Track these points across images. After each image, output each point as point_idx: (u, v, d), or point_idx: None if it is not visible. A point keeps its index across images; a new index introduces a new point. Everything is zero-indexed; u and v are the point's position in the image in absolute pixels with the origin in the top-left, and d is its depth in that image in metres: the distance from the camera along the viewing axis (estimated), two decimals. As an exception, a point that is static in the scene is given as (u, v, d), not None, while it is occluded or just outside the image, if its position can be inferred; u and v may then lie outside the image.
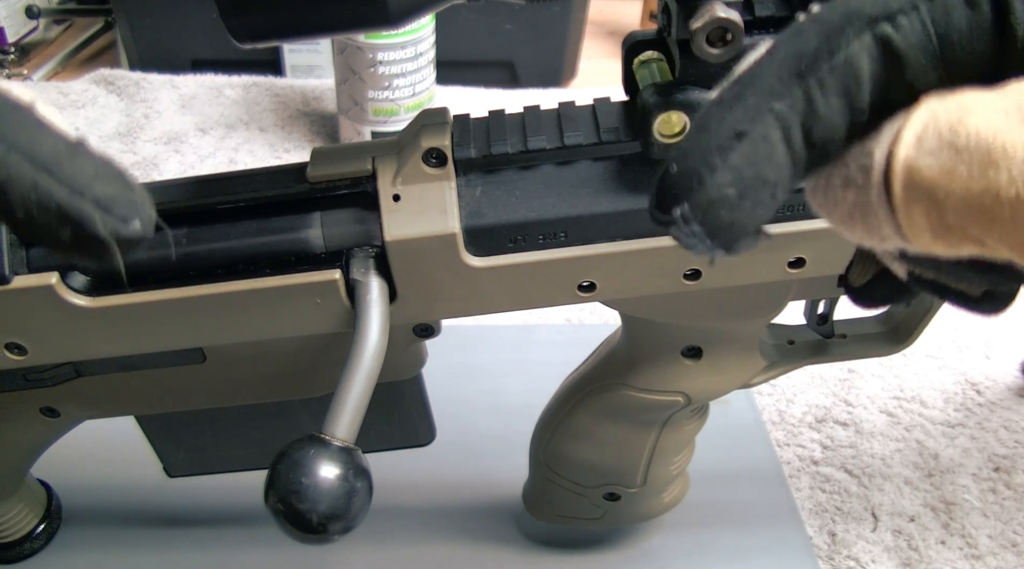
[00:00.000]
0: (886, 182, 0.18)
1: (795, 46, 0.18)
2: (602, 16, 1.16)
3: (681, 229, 0.18)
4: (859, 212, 0.19)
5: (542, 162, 0.35)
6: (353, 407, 0.33)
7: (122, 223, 0.20)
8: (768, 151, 0.18)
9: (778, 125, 0.18)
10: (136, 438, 0.46)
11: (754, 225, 0.18)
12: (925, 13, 0.17)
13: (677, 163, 0.18)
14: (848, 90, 0.18)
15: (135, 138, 0.90)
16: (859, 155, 0.18)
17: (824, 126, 0.18)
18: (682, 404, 0.43)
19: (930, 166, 0.17)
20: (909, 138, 0.17)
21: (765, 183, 0.18)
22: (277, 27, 0.30)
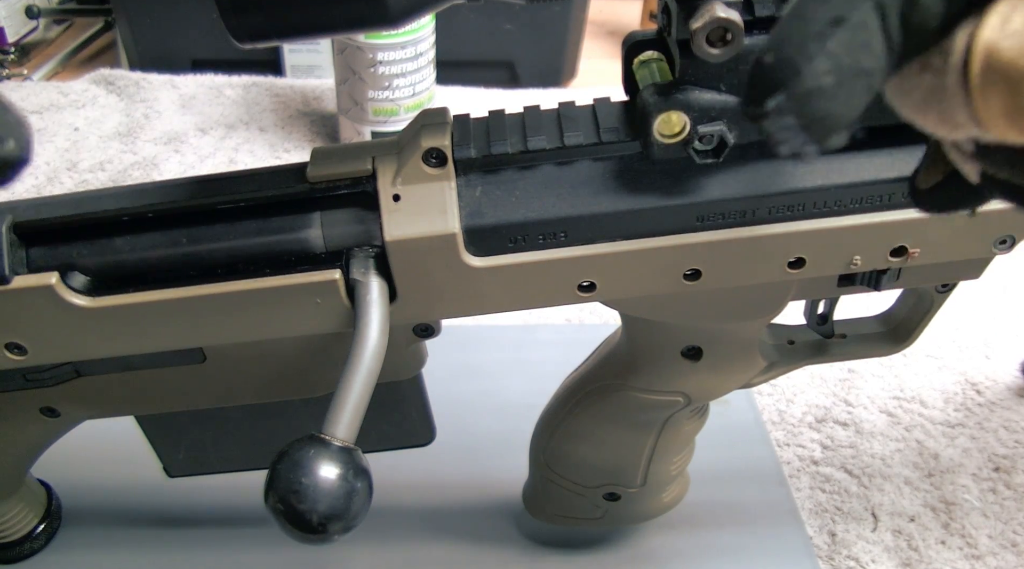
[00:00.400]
0: (966, 65, 0.18)
1: None
2: (602, 16, 1.16)
3: (775, 122, 0.18)
4: (934, 98, 0.18)
5: (542, 162, 0.35)
6: (353, 407, 0.33)
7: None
8: (867, 38, 0.18)
9: (876, 12, 0.18)
10: (136, 438, 0.46)
11: (849, 117, 0.18)
12: None
13: (773, 52, 0.18)
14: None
15: (135, 138, 0.90)
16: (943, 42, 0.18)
17: (922, 12, 0.18)
18: (682, 404, 0.43)
19: (1011, 47, 0.17)
20: (993, 22, 0.17)
21: (863, 72, 0.18)
22: (277, 27, 0.30)
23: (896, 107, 0.20)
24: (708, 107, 0.32)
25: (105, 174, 0.85)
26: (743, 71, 0.31)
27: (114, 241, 0.37)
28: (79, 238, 0.36)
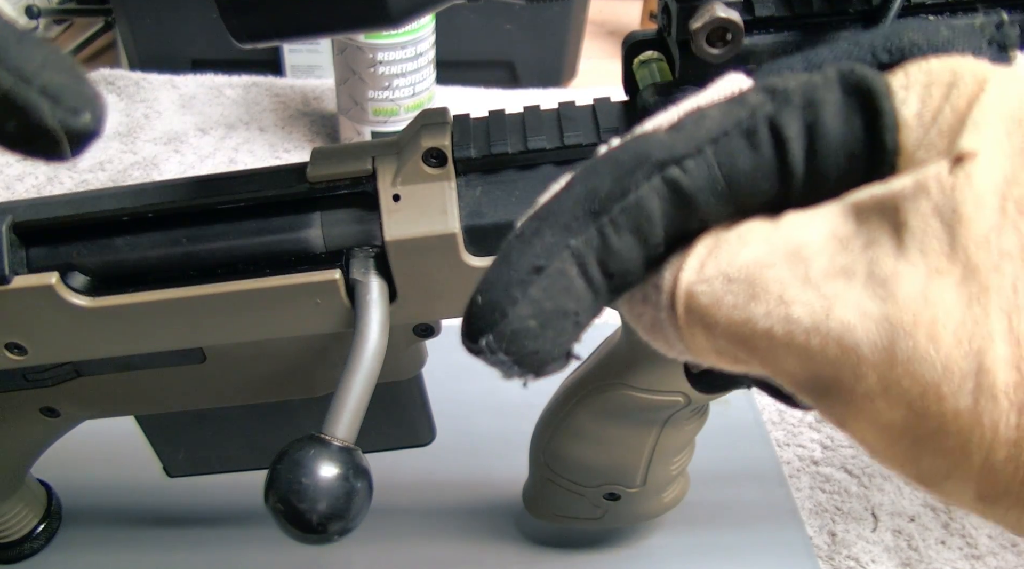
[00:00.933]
0: (672, 304, 0.19)
1: (589, 184, 0.19)
2: (602, 16, 1.16)
3: (488, 358, 0.19)
4: (657, 327, 0.20)
5: (542, 162, 0.35)
6: (353, 407, 0.33)
7: (72, 115, 0.19)
8: (566, 284, 0.19)
9: (574, 260, 0.19)
10: (136, 438, 0.46)
11: (559, 351, 0.19)
12: (711, 156, 0.18)
13: (481, 295, 0.19)
14: (640, 228, 0.19)
15: (135, 138, 0.90)
16: (656, 276, 0.19)
17: (619, 260, 0.19)
18: (682, 404, 0.43)
19: (705, 292, 0.18)
20: (692, 264, 0.18)
21: (566, 313, 0.19)
22: (277, 27, 0.30)
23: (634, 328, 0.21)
24: (708, 107, 0.32)
25: (105, 174, 0.85)
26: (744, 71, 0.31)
27: (114, 241, 0.37)
28: (79, 238, 0.36)
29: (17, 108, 0.19)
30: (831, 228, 0.17)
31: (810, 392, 0.18)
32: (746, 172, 0.18)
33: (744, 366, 0.19)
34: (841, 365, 0.17)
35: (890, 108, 0.18)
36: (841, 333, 0.16)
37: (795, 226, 0.18)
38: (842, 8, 0.30)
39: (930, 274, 0.16)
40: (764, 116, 0.18)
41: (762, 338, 0.17)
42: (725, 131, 0.18)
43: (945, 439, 0.16)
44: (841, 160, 0.18)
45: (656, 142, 0.19)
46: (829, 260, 0.17)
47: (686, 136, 0.18)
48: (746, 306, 0.17)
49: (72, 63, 0.20)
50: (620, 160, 0.19)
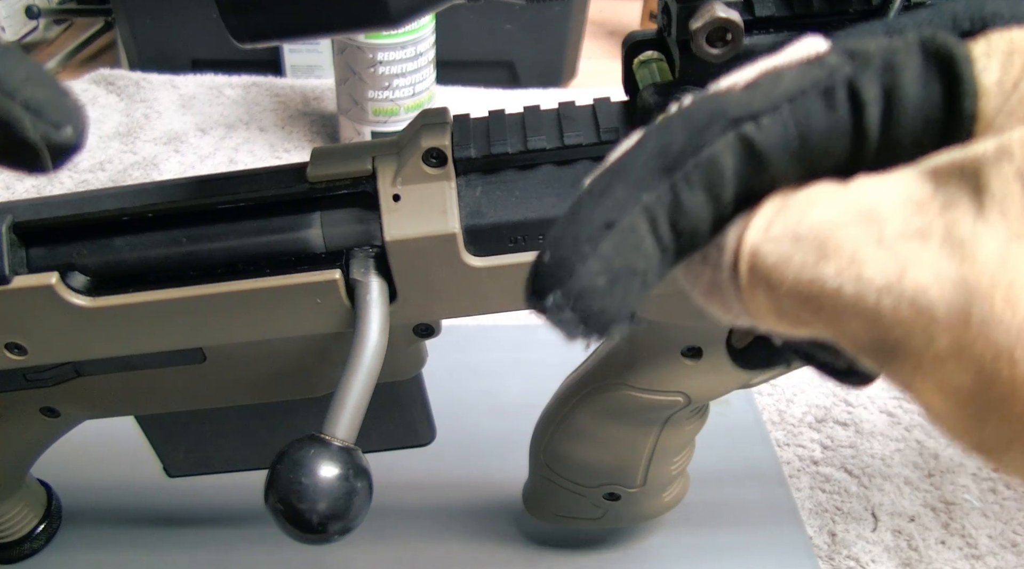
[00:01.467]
0: (735, 263, 0.18)
1: (663, 140, 0.19)
2: (602, 16, 1.16)
3: (554, 316, 0.19)
4: (715, 289, 0.19)
5: (542, 162, 0.35)
6: (353, 407, 0.33)
7: (53, 128, 0.20)
8: (636, 241, 0.19)
9: (645, 216, 0.19)
10: (136, 438, 0.46)
11: (626, 311, 0.19)
12: (787, 114, 0.18)
13: (549, 251, 0.19)
14: (712, 185, 0.18)
15: (135, 138, 0.90)
16: (719, 237, 0.19)
17: (690, 218, 0.19)
18: (682, 404, 0.43)
19: (772, 252, 0.18)
20: (759, 223, 0.18)
21: (634, 272, 0.19)
22: (277, 27, 0.30)
23: (688, 293, 0.21)
24: (708, 107, 0.32)
25: (105, 174, 0.85)
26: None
27: (114, 241, 0.37)
28: (79, 238, 0.36)
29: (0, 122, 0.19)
30: (907, 190, 0.17)
31: (876, 354, 0.18)
32: (821, 132, 0.18)
33: (806, 328, 0.18)
34: (913, 326, 0.16)
35: (970, 75, 0.17)
36: (915, 294, 0.16)
37: (868, 188, 0.18)
38: (842, 8, 0.30)
39: (1010, 237, 0.16)
40: (843, 77, 0.18)
41: (831, 298, 0.17)
42: (802, 90, 0.18)
43: (1014, 405, 0.16)
44: (918, 125, 0.18)
45: (732, 99, 0.18)
46: (904, 221, 0.17)
47: (763, 93, 0.18)
48: (815, 265, 0.17)
49: (53, 78, 0.20)
50: (694, 116, 0.19)
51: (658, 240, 0.19)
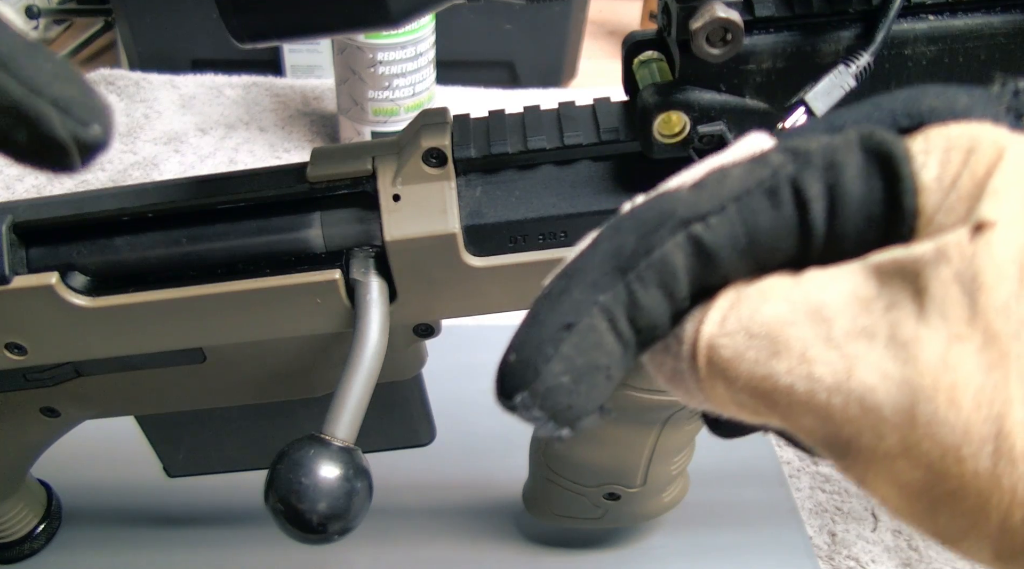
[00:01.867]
0: (693, 355, 0.19)
1: (615, 242, 0.19)
2: (602, 16, 1.16)
3: (523, 414, 0.19)
4: (678, 377, 0.20)
5: (542, 162, 0.35)
6: (353, 407, 0.33)
7: (81, 126, 0.20)
8: (596, 339, 0.19)
9: (604, 316, 0.19)
10: (136, 438, 0.46)
11: (592, 405, 0.20)
12: (734, 213, 0.19)
13: (514, 353, 0.19)
14: (665, 283, 0.19)
15: (135, 138, 0.90)
16: (678, 328, 0.20)
17: (647, 314, 0.19)
18: (682, 404, 0.43)
19: (727, 346, 0.18)
20: (714, 317, 0.19)
21: (597, 368, 0.19)
22: (277, 27, 0.30)
23: (656, 380, 0.21)
24: (708, 107, 0.32)
25: (105, 174, 0.85)
26: (743, 71, 0.31)
27: (114, 241, 0.37)
28: (79, 238, 0.36)
29: (28, 119, 0.19)
30: (852, 288, 0.18)
31: (830, 449, 0.18)
32: (767, 230, 0.19)
33: (763, 419, 0.19)
34: (862, 425, 0.17)
35: (909, 172, 0.18)
36: (863, 394, 0.17)
37: (817, 284, 0.18)
38: (842, 8, 0.30)
39: (950, 339, 0.16)
40: (786, 176, 0.18)
41: (783, 394, 0.18)
42: (747, 190, 0.19)
43: (964, 500, 0.16)
44: (861, 221, 0.18)
45: (680, 199, 0.19)
46: (851, 320, 0.17)
47: (709, 194, 0.19)
48: (768, 362, 0.18)
49: (81, 75, 0.20)
50: (645, 217, 0.19)
51: (618, 336, 0.19)
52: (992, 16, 0.31)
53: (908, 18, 0.31)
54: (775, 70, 0.31)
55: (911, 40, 0.31)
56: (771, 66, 0.31)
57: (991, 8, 0.31)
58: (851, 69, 0.29)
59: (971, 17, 0.31)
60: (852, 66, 0.29)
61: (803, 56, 0.31)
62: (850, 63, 0.30)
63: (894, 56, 0.31)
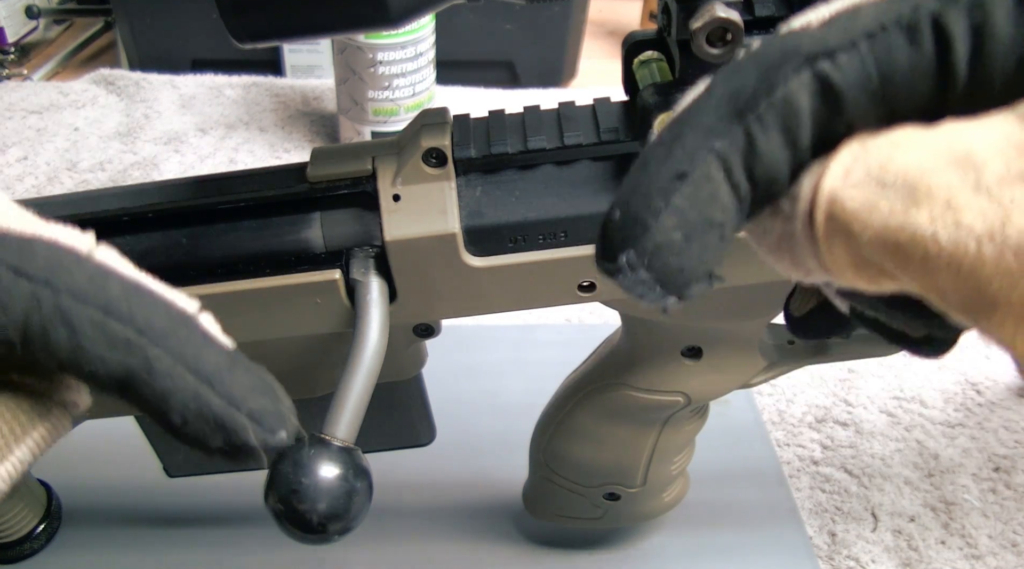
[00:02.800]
0: (811, 212, 0.18)
1: (733, 83, 0.18)
2: (602, 16, 1.16)
3: (628, 277, 0.18)
4: (786, 242, 0.18)
5: (542, 162, 0.35)
6: (353, 407, 0.33)
7: (271, 434, 0.21)
8: (712, 191, 0.17)
9: (720, 164, 0.17)
10: (136, 438, 0.46)
11: (704, 268, 0.18)
12: (866, 51, 0.17)
13: (619, 208, 0.18)
14: (788, 127, 0.17)
15: (135, 138, 0.90)
16: (792, 186, 0.18)
17: (766, 163, 0.18)
18: (682, 404, 0.43)
19: (854, 198, 0.17)
20: (837, 169, 0.17)
21: (711, 224, 0.18)
22: (277, 27, 0.30)
23: (754, 248, 0.19)
24: (708, 107, 0.32)
25: (105, 174, 0.85)
26: None
27: (114, 241, 0.36)
28: (79, 238, 0.36)
29: (226, 429, 0.21)
30: (1005, 134, 0.16)
31: (971, 308, 0.16)
32: (904, 70, 0.17)
33: (889, 282, 0.17)
34: (1017, 277, 0.15)
35: None
36: (1020, 241, 0.15)
37: (961, 132, 0.17)
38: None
39: None
40: (927, 12, 0.17)
41: (922, 246, 0.16)
42: (883, 26, 0.17)
43: None
44: (1010, 65, 0.17)
45: (806, 36, 0.17)
46: (1005, 166, 0.16)
47: (840, 29, 0.17)
48: (905, 211, 0.16)
49: (272, 384, 0.22)
50: (766, 56, 0.18)
51: (734, 189, 0.18)
52: None
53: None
54: None
55: None
56: None
57: None
58: None
59: None
60: None
61: None
62: None
63: None
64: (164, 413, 0.21)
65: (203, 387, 0.21)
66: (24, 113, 0.93)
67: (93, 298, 0.20)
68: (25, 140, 0.89)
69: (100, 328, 0.20)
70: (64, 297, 0.20)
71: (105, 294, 0.20)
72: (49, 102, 0.95)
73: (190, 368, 0.21)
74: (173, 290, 0.22)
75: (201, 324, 0.22)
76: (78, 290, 0.20)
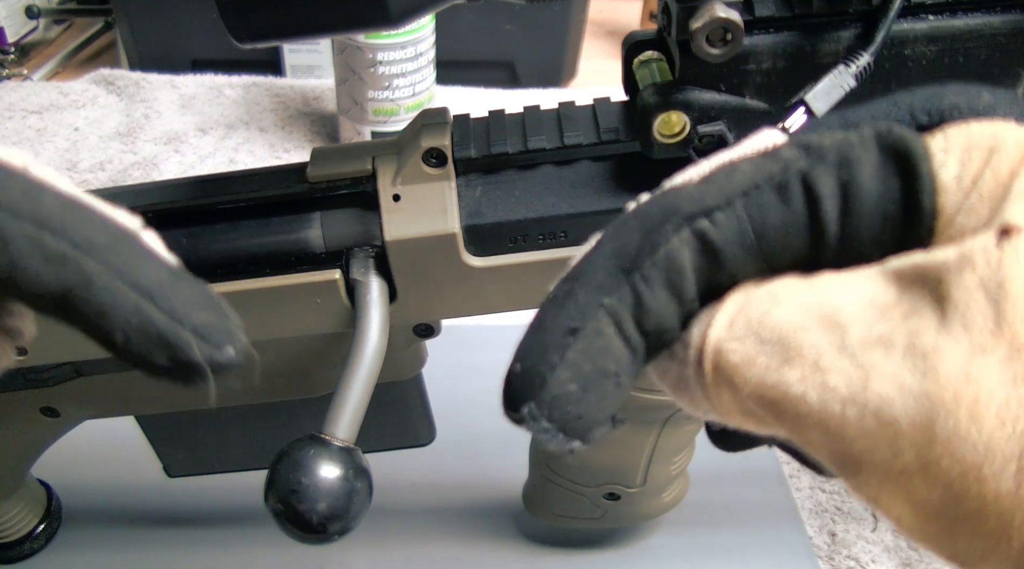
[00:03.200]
0: (700, 361, 0.18)
1: (619, 241, 0.19)
2: (602, 16, 1.16)
3: (532, 426, 0.18)
4: (682, 383, 0.19)
5: (542, 162, 0.35)
6: (353, 407, 0.33)
7: (216, 350, 0.21)
8: (603, 344, 0.18)
9: (610, 319, 0.18)
10: (136, 438, 0.46)
11: (603, 415, 0.19)
12: (741, 209, 0.18)
13: (519, 362, 0.19)
14: (672, 282, 0.18)
15: (135, 138, 0.90)
16: (685, 332, 0.19)
17: (655, 317, 0.18)
18: (682, 404, 0.43)
19: (735, 351, 0.18)
20: (722, 320, 0.18)
21: (606, 374, 0.18)
22: (277, 27, 0.30)
23: (659, 386, 0.20)
24: (708, 107, 0.32)
25: (105, 174, 0.85)
26: (743, 71, 0.31)
27: (114, 241, 0.36)
28: (79, 238, 0.36)
29: (169, 345, 0.20)
30: (869, 294, 0.17)
31: (840, 465, 0.17)
32: (776, 227, 0.18)
33: (770, 430, 0.18)
34: (878, 439, 0.16)
35: (928, 170, 0.17)
36: (879, 406, 0.16)
37: (831, 288, 0.17)
38: (842, 8, 0.30)
39: (973, 350, 0.15)
40: (797, 171, 0.18)
41: (793, 404, 0.17)
42: (756, 184, 0.18)
43: (984, 521, 0.16)
44: (876, 221, 0.18)
45: (685, 195, 0.18)
46: (867, 328, 0.16)
47: (716, 188, 0.18)
48: (779, 369, 0.17)
49: (217, 299, 0.21)
50: (648, 215, 0.19)
51: (626, 340, 0.19)
52: (992, 16, 0.31)
53: (908, 18, 0.31)
54: (775, 70, 0.31)
55: (911, 40, 0.31)
56: (771, 66, 0.31)
57: (991, 8, 0.30)
58: (851, 69, 0.29)
59: (971, 17, 0.31)
60: (852, 66, 0.29)
61: (803, 56, 0.31)
62: (850, 63, 0.29)
63: (894, 56, 0.31)
64: (106, 331, 0.20)
65: (144, 302, 0.20)
66: (24, 113, 0.93)
67: (27, 212, 0.19)
68: (25, 140, 0.89)
69: (34, 242, 0.19)
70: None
71: (40, 208, 0.19)
72: (49, 102, 0.95)
73: (130, 282, 0.20)
74: (114, 207, 0.21)
75: (142, 239, 0.21)
76: (11, 204, 0.19)
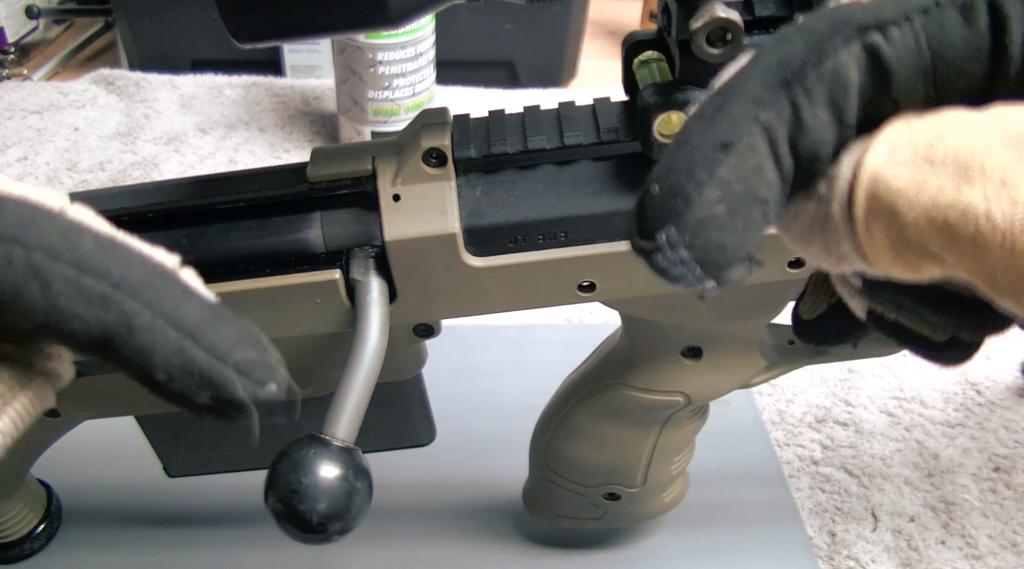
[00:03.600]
0: (851, 193, 0.17)
1: (781, 53, 0.17)
2: (602, 16, 1.16)
3: (667, 256, 0.16)
4: (819, 226, 0.18)
5: (542, 162, 0.35)
6: (353, 407, 0.33)
7: (259, 386, 0.21)
8: (758, 163, 0.17)
9: (765, 136, 0.17)
10: (136, 438, 0.46)
11: (746, 248, 0.17)
12: (919, 26, 0.17)
13: (658, 183, 0.17)
14: (835, 100, 0.17)
15: (135, 138, 0.90)
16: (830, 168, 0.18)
17: (812, 138, 0.17)
18: (682, 404, 0.43)
19: (899, 177, 0.16)
20: (881, 148, 0.17)
21: (756, 199, 0.17)
22: (277, 27, 0.30)
23: (781, 235, 0.19)
24: (708, 107, 0.32)
25: (105, 174, 0.85)
26: None
27: (114, 241, 0.36)
28: (79, 238, 0.36)
29: (212, 384, 0.20)
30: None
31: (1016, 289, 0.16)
32: (956, 48, 0.16)
33: (931, 264, 0.17)
34: None
35: None
36: None
37: (1013, 113, 0.16)
38: (842, 8, 0.30)
39: None
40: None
41: (974, 223, 0.15)
42: (938, 2, 0.16)
43: None
44: None
45: (859, 7, 0.17)
46: None
47: (893, 2, 0.17)
48: (957, 189, 0.15)
49: (258, 336, 0.21)
50: (816, 26, 0.17)
51: (778, 164, 0.17)
52: None
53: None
54: None
55: None
56: None
57: None
58: None
59: None
60: None
61: None
62: None
63: None
64: (148, 371, 0.20)
65: (186, 341, 0.20)
66: (24, 113, 0.93)
67: (66, 254, 0.19)
68: (25, 140, 0.89)
69: (75, 284, 0.19)
70: (36, 254, 0.19)
71: (79, 250, 0.19)
72: (49, 102, 0.95)
73: (171, 322, 0.20)
74: (151, 245, 0.21)
75: (181, 278, 0.21)
76: (50, 246, 0.19)
